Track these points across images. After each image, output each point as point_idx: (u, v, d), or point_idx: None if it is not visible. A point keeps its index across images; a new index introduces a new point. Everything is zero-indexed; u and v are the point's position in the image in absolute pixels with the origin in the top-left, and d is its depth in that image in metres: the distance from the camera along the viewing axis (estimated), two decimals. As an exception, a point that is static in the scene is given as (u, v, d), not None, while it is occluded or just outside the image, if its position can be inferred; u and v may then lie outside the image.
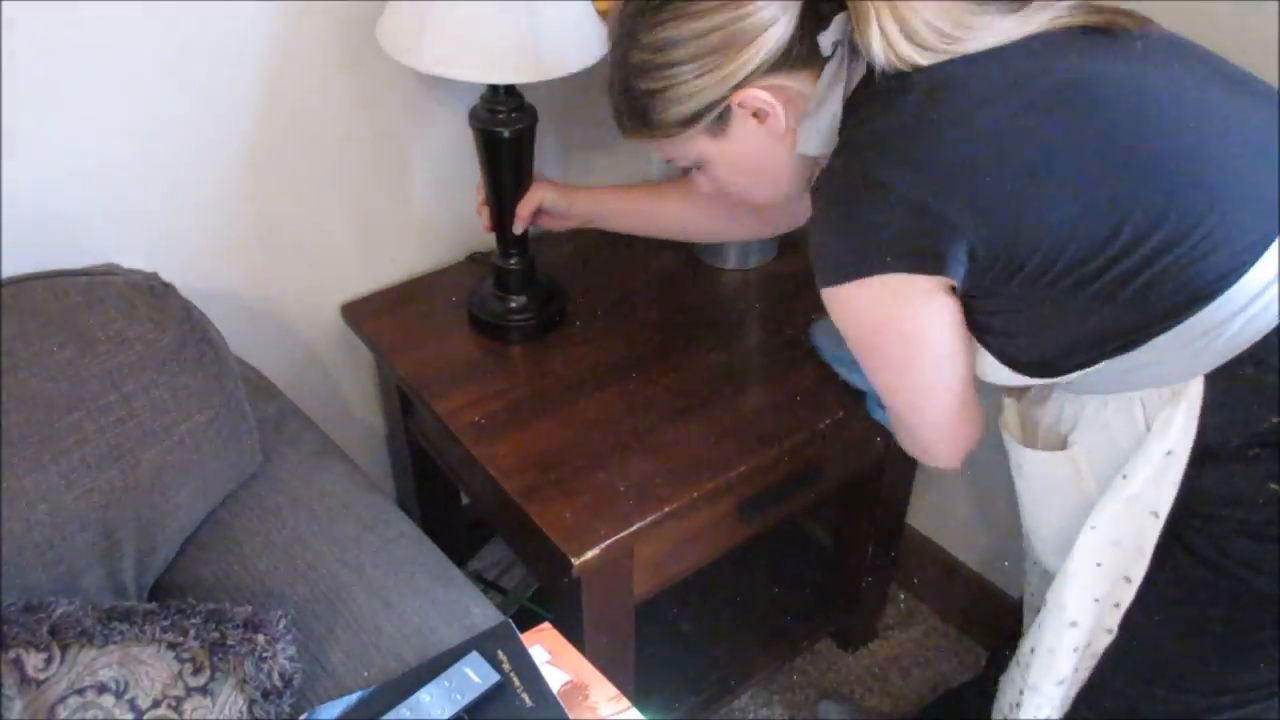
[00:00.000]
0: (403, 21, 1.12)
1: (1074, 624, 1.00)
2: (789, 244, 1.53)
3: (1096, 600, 0.98)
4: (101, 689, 0.87)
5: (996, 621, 1.72)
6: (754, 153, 0.95)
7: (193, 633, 0.90)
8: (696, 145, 0.96)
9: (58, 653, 0.88)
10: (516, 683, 0.94)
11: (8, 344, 0.96)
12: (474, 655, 0.95)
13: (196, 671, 0.90)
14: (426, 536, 1.12)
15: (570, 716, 0.93)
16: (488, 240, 1.36)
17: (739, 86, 0.89)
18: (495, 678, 0.93)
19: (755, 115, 0.91)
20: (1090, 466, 0.95)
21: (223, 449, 1.08)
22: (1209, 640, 0.94)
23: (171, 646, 0.90)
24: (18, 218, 1.12)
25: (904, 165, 0.82)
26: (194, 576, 1.07)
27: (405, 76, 1.32)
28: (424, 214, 1.47)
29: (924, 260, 0.84)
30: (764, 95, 0.89)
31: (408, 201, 1.44)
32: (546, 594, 1.61)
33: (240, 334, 1.31)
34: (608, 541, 1.09)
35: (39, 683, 0.87)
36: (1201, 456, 0.88)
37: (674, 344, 1.35)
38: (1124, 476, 0.91)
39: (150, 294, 1.04)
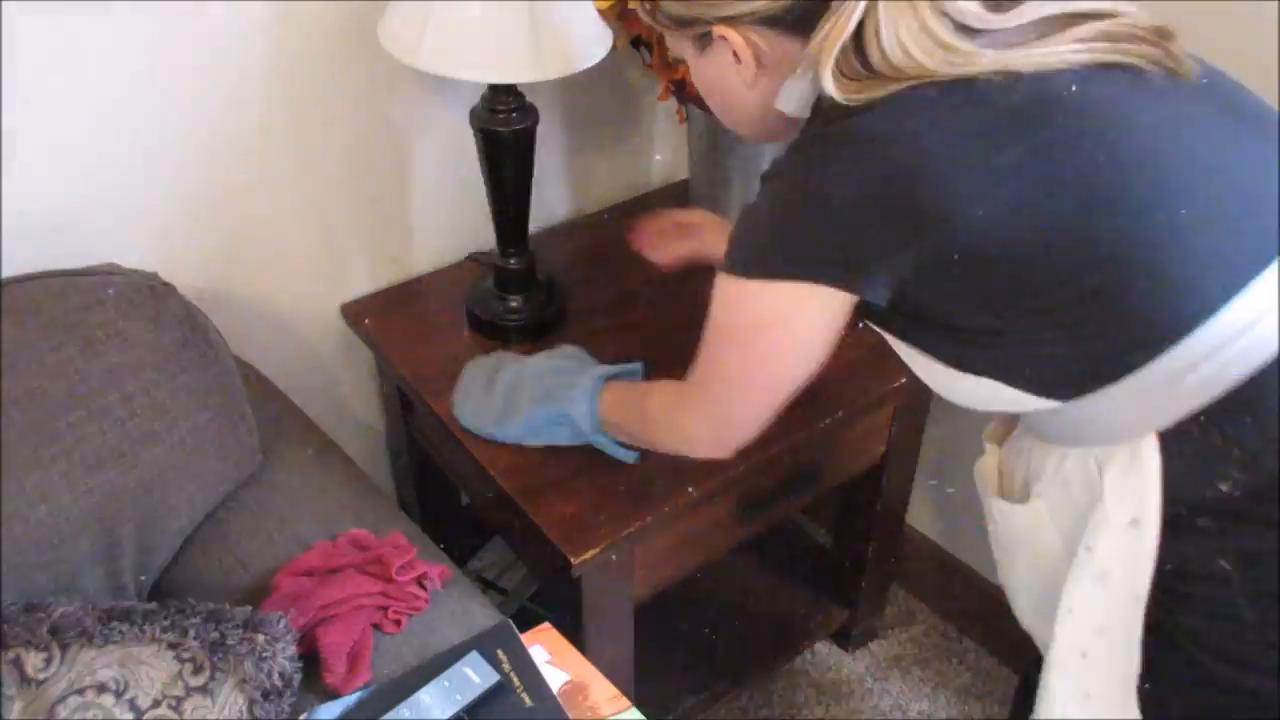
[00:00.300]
0: (404, 21, 1.12)
1: None
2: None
3: (1088, 696, 0.90)
4: (101, 689, 0.87)
5: (997, 622, 1.71)
6: (722, 84, 0.93)
7: (193, 633, 0.90)
8: (684, 48, 0.95)
9: (58, 653, 0.88)
10: (516, 683, 0.94)
11: (8, 344, 0.96)
12: (474, 655, 0.95)
13: (196, 671, 0.90)
14: (427, 536, 1.12)
15: (570, 716, 0.93)
16: (488, 240, 1.36)
17: (725, 21, 0.86)
18: (495, 678, 0.93)
19: (733, 53, 0.89)
20: (1054, 524, 0.91)
21: (223, 449, 1.08)
22: None
23: (171, 646, 0.90)
24: (18, 218, 1.12)
25: (849, 177, 0.79)
26: (194, 576, 1.07)
27: (406, 76, 1.32)
28: (425, 214, 1.47)
29: (843, 276, 0.81)
30: (739, 43, 0.87)
31: (408, 201, 1.44)
32: (546, 594, 1.61)
33: (240, 334, 1.31)
34: (607, 541, 1.09)
35: (39, 683, 0.87)
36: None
37: (673, 344, 1.34)
38: (1088, 548, 0.85)
39: (150, 294, 1.04)
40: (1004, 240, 0.77)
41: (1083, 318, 0.78)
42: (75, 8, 1.06)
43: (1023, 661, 1.27)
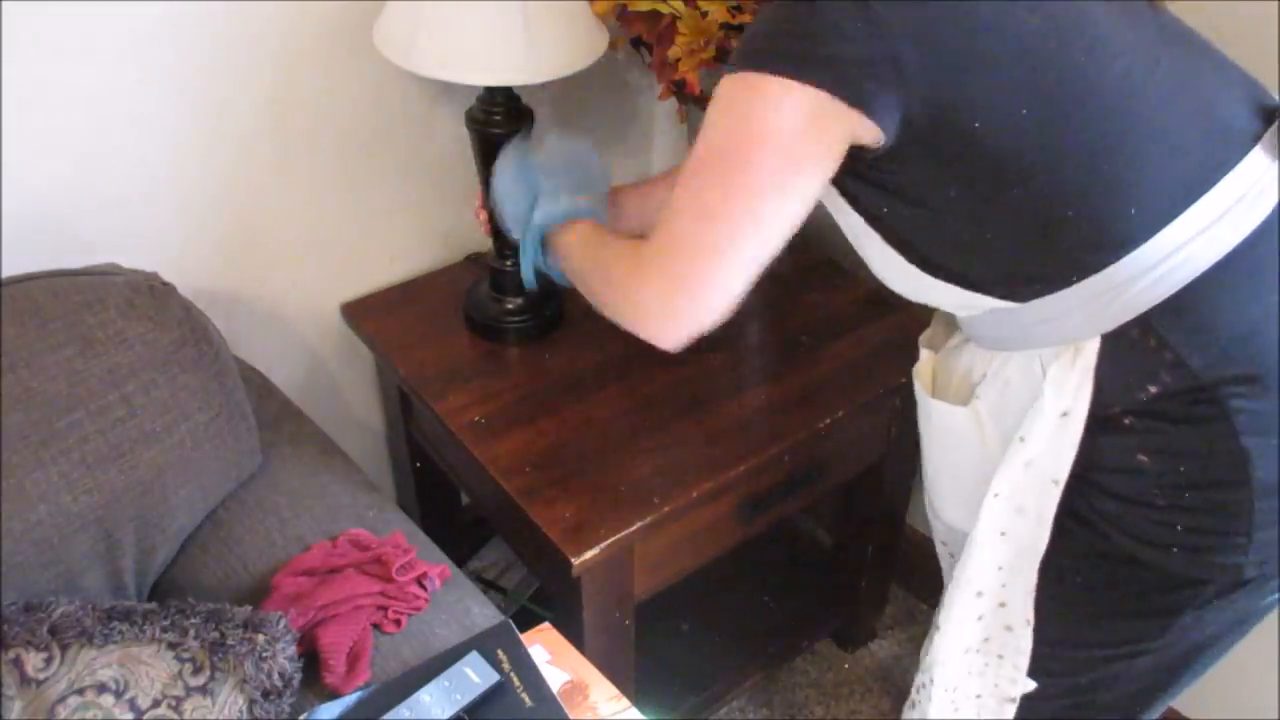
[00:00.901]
0: (398, 23, 1.12)
1: (980, 594, 1.01)
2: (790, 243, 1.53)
3: (1000, 568, 0.99)
4: (101, 689, 0.87)
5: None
6: None
7: (193, 633, 0.90)
8: None
9: (58, 653, 0.88)
10: (516, 683, 0.94)
11: (8, 344, 0.96)
12: (474, 655, 0.95)
13: (196, 671, 0.90)
14: (426, 536, 1.12)
15: (570, 716, 0.93)
16: (486, 241, 1.36)
17: None
18: (495, 678, 0.93)
19: None
20: (993, 424, 0.96)
21: (223, 449, 1.08)
22: (1083, 600, 0.97)
23: (171, 646, 0.90)
24: (18, 218, 1.12)
25: None
26: (194, 576, 1.07)
27: (404, 78, 1.32)
28: (423, 214, 1.47)
29: (855, 84, 0.77)
30: None
31: (407, 202, 1.44)
32: (547, 594, 1.61)
33: (240, 334, 1.32)
34: (607, 541, 1.09)
35: (39, 683, 0.87)
36: (1088, 422, 0.89)
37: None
38: (1021, 439, 0.92)
39: (150, 294, 1.04)
40: (998, 124, 0.80)
41: (1046, 219, 0.83)
42: (76, 9, 1.06)
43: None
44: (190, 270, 1.25)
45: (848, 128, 0.79)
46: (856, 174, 0.85)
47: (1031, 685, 1.03)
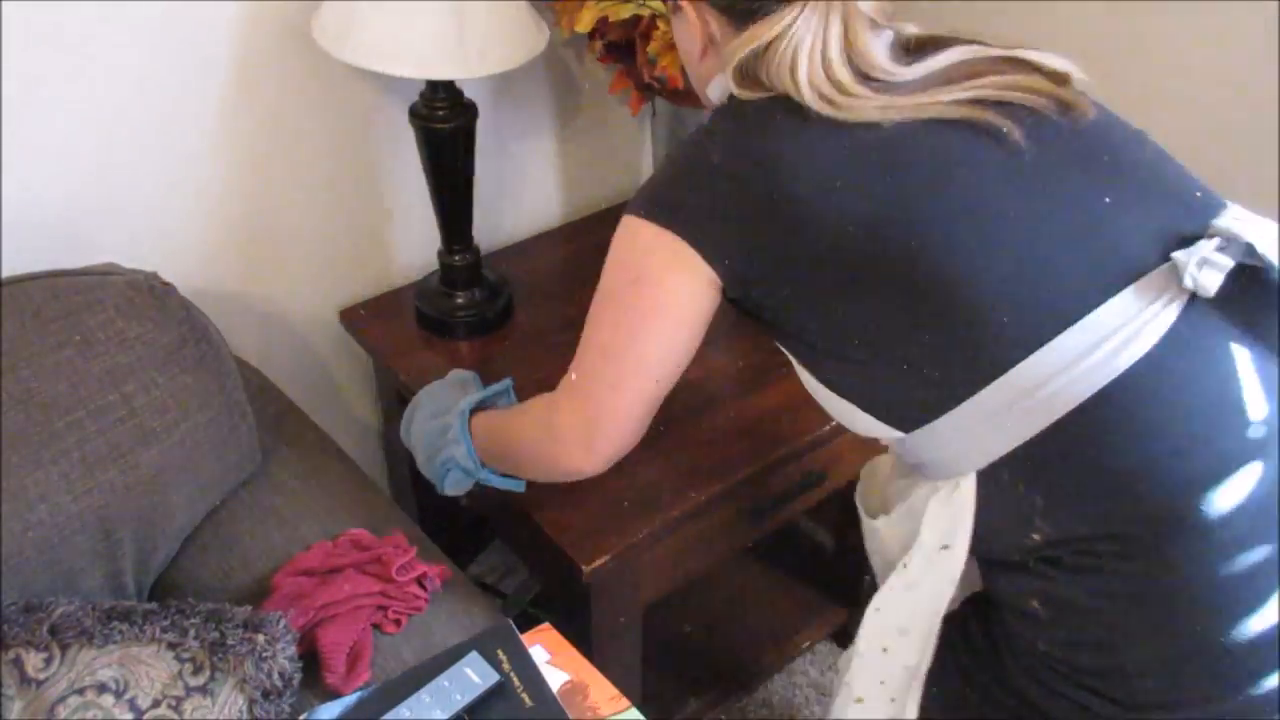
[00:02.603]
0: (333, 15, 1.13)
1: (859, 700, 1.01)
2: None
3: (882, 683, 0.99)
4: (101, 689, 0.87)
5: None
6: (683, 48, 0.99)
7: (193, 633, 0.90)
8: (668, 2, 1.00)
9: (58, 653, 0.88)
10: (516, 683, 0.94)
11: (8, 344, 0.96)
12: (474, 655, 0.95)
13: (196, 671, 0.90)
14: (426, 536, 1.12)
15: (570, 716, 0.93)
16: (485, 244, 1.36)
17: None
18: (495, 678, 0.93)
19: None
20: (895, 541, 0.98)
21: (223, 449, 1.08)
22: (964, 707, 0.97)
23: (171, 646, 0.90)
24: (18, 218, 1.12)
25: (730, 148, 0.86)
26: (194, 576, 1.07)
27: (397, 80, 1.32)
28: (425, 217, 1.47)
29: (694, 229, 0.87)
30: (692, 18, 0.93)
31: (407, 205, 1.44)
32: (552, 600, 1.60)
33: (240, 334, 1.31)
34: (618, 548, 1.08)
35: (39, 683, 0.87)
36: (984, 563, 0.91)
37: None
38: (904, 565, 0.93)
39: (150, 294, 1.04)
40: (840, 255, 0.82)
41: (909, 347, 0.83)
42: (76, 9, 1.06)
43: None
44: (190, 270, 1.25)
45: (704, 268, 0.87)
46: (746, 310, 0.92)
47: None
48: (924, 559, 0.91)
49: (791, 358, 0.94)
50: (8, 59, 1.04)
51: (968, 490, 0.86)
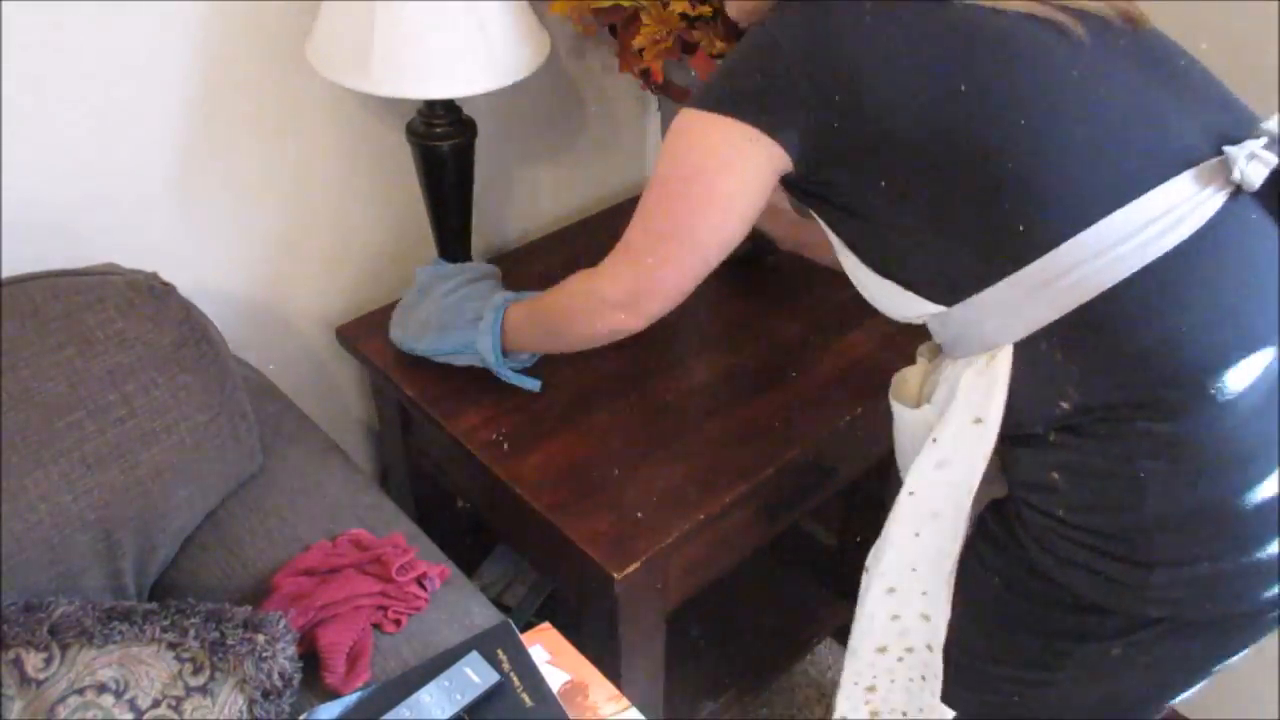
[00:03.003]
0: (330, 36, 1.13)
1: (891, 590, 1.02)
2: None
3: (914, 570, 1.00)
4: (101, 689, 0.87)
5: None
6: None
7: (193, 633, 0.90)
8: None
9: (58, 653, 0.88)
10: (516, 683, 0.94)
11: (8, 344, 0.96)
12: (474, 655, 0.95)
13: (196, 671, 0.90)
14: (426, 536, 1.12)
15: (570, 716, 0.93)
16: (482, 251, 1.36)
17: None
18: (495, 678, 0.93)
19: None
20: (926, 431, 0.98)
21: (223, 449, 1.08)
22: (994, 610, 0.99)
23: (171, 646, 0.90)
24: (18, 218, 1.12)
25: (798, 32, 0.88)
26: (194, 576, 1.07)
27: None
28: (419, 227, 1.46)
29: (757, 113, 0.89)
30: None
31: (406, 214, 1.44)
32: (551, 609, 1.58)
33: (240, 334, 1.31)
34: (648, 554, 1.07)
35: (39, 683, 0.87)
36: (1004, 440, 0.91)
37: (684, 347, 1.33)
38: (934, 439, 0.94)
39: (150, 294, 1.04)
40: (904, 128, 0.85)
41: (962, 220, 0.86)
42: (76, 9, 1.06)
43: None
44: (190, 270, 1.25)
45: (765, 151, 0.90)
46: (805, 191, 0.94)
47: (950, 715, 1.04)
48: (954, 433, 0.92)
49: (839, 242, 0.96)
50: (8, 59, 1.04)
51: (1004, 360, 0.88)
